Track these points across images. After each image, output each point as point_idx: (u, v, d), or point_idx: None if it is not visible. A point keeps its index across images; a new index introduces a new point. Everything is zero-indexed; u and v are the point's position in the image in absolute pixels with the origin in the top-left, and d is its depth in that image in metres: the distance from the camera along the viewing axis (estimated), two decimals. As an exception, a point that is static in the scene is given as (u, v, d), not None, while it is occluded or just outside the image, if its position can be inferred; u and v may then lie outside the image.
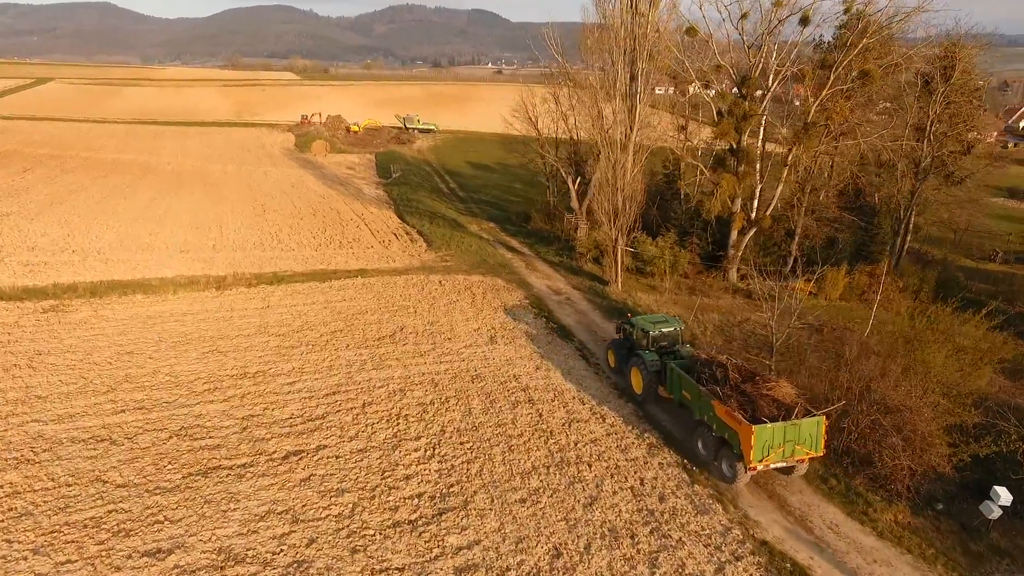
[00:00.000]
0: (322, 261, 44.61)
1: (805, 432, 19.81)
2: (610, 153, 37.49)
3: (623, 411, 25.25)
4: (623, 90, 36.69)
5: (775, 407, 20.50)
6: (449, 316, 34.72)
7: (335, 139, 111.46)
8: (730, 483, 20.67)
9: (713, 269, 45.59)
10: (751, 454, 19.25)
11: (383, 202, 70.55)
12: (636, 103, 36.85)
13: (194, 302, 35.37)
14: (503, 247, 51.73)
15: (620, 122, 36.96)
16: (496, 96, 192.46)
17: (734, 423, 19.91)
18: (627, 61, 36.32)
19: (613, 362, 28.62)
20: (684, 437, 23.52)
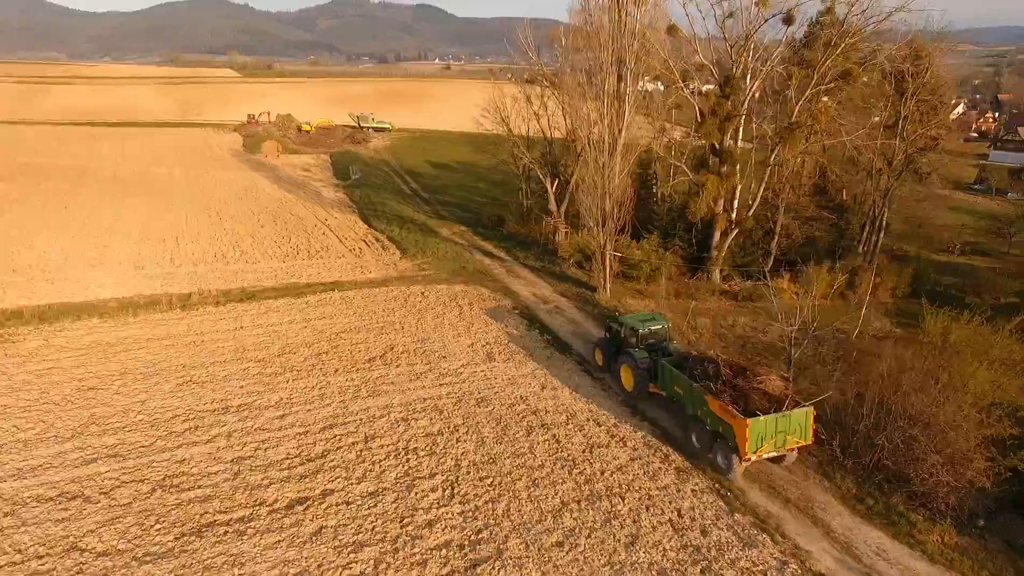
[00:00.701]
0: (292, 273, 41.91)
1: (795, 423, 20.60)
2: (597, 156, 36.17)
3: (642, 432, 23.97)
4: (611, 91, 35.40)
5: (766, 400, 21.20)
6: (439, 331, 32.81)
7: (286, 139, 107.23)
8: (725, 474, 21.21)
9: (697, 272, 44.92)
10: (746, 446, 19.86)
11: (345, 206, 67.69)
12: (624, 104, 35.62)
13: (158, 325, 32.39)
14: (480, 252, 49.92)
15: (608, 124, 35.67)
16: (450, 93, 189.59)
17: (728, 417, 20.44)
18: (614, 60, 35.03)
19: (601, 360, 28.86)
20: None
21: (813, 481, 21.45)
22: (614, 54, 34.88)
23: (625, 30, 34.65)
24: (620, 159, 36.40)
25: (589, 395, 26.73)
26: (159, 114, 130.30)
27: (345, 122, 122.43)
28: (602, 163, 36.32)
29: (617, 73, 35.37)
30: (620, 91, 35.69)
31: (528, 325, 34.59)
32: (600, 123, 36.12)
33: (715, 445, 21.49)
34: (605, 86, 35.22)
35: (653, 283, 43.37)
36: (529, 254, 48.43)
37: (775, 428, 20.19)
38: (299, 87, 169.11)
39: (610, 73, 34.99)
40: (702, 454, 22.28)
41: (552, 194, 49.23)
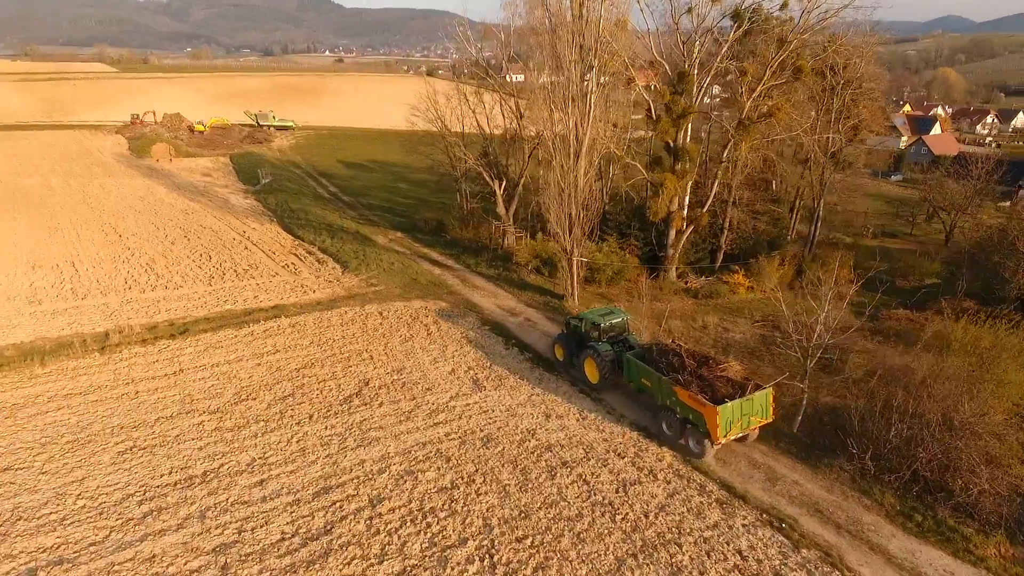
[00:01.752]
0: (224, 298, 37.09)
1: (758, 404, 22.11)
2: (563, 159, 34.14)
3: (666, 458, 22.25)
4: (574, 91, 33.38)
5: (730, 386, 22.63)
6: (412, 358, 29.69)
7: (178, 141, 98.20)
8: (698, 458, 22.30)
9: (656, 271, 44.09)
10: (717, 431, 21.14)
11: (261, 214, 62.10)
12: (588, 103, 33.73)
13: (76, 376, 27.18)
14: (426, 261, 46.73)
15: (573, 125, 33.68)
16: (349, 87, 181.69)
17: (698, 406, 21.70)
18: (576, 57, 33.02)
19: (561, 355, 29.20)
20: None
21: (852, 499, 20.55)
22: (577, 50, 32.86)
23: (588, 24, 32.70)
24: (585, 161, 34.56)
25: (597, 420, 24.71)
26: (23, 115, 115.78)
27: (242, 121, 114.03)
28: (568, 166, 34.32)
29: (579, 71, 33.38)
30: (583, 89, 33.75)
31: (504, 343, 32.13)
32: (564, 123, 34.06)
33: (686, 431, 22.63)
34: (569, 85, 33.14)
35: (614, 285, 42.13)
36: (480, 261, 45.78)
37: (741, 411, 21.60)
38: (182, 83, 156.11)
39: (574, 70, 32.96)
40: (675, 440, 23.17)
41: (500, 197, 46.78)
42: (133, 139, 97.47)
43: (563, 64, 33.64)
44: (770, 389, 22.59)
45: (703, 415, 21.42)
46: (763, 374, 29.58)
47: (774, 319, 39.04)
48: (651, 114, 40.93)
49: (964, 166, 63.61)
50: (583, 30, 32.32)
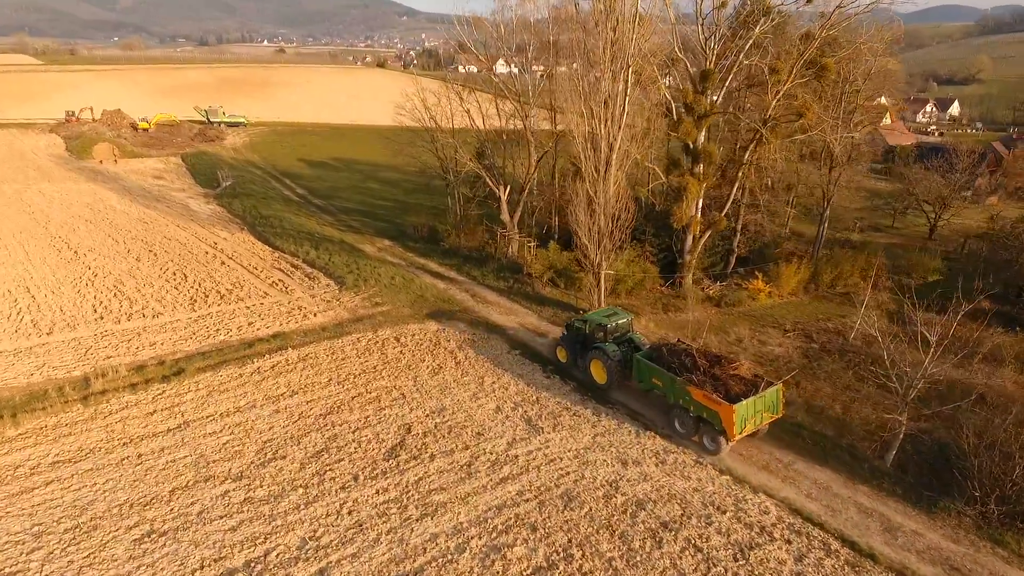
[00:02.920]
0: (213, 327, 32.89)
1: (769, 401, 22.66)
2: (593, 168, 31.37)
3: (772, 512, 19.88)
4: (606, 93, 30.56)
5: (742, 384, 22.97)
6: (449, 395, 26.49)
7: (122, 140, 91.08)
8: (713, 455, 22.60)
9: (672, 279, 41.93)
10: (733, 429, 21.52)
11: (228, 222, 57.25)
12: (623, 107, 30.99)
13: (60, 436, 22.89)
14: (427, 274, 43.26)
15: (606, 129, 30.91)
16: (298, 80, 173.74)
17: (713, 405, 22.04)
18: (611, 54, 30.18)
19: (564, 357, 29.17)
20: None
21: (986, 551, 18.64)
22: (610, 48, 30.00)
23: (623, 16, 29.85)
24: (616, 169, 31.88)
25: (678, 464, 22.15)
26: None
27: (190, 117, 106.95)
28: (598, 175, 31.58)
29: (613, 71, 30.55)
30: (615, 90, 30.96)
31: (542, 369, 29.24)
32: (596, 128, 31.22)
33: (700, 429, 22.97)
34: (604, 85, 30.29)
35: (635, 296, 39.80)
36: (486, 272, 42.60)
37: (754, 408, 22.08)
38: (117, 76, 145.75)
39: (607, 69, 30.13)
40: (688, 438, 23.47)
41: (504, 202, 43.67)
42: (70, 138, 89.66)
43: (592, 62, 30.79)
44: (780, 385, 23.39)
45: (719, 414, 21.78)
46: (823, 392, 27.88)
47: (802, 326, 37.58)
48: (669, 114, 38.61)
49: (945, 159, 63.86)
50: (620, 27, 29.49)
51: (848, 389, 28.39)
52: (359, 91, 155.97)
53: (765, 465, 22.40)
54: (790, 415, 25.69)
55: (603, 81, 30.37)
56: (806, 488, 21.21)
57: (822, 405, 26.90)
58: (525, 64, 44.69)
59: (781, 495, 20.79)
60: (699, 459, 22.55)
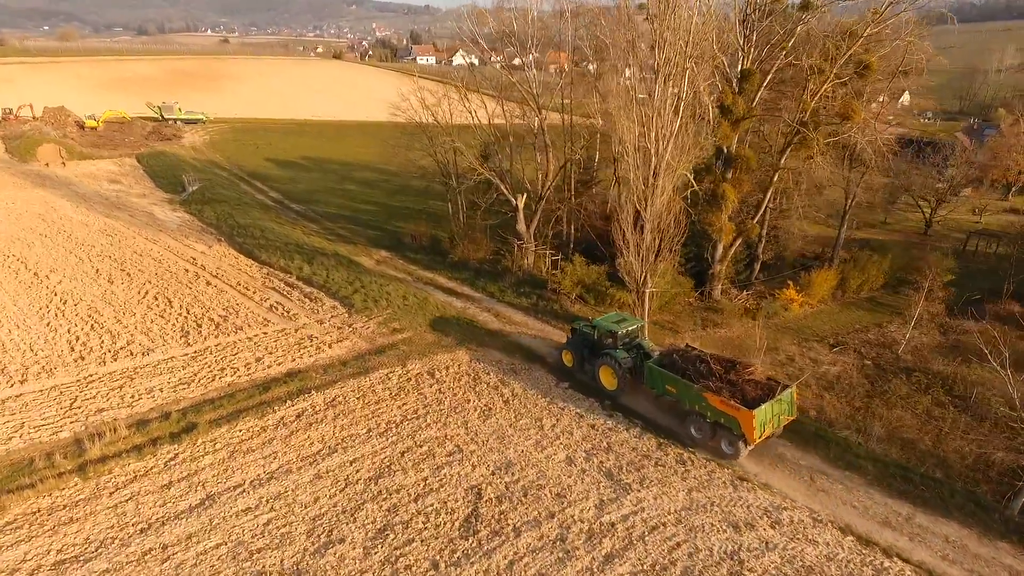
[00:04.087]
0: (216, 365, 28.77)
1: (785, 403, 22.91)
2: (645, 176, 28.50)
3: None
4: (658, 98, 27.62)
5: (757, 388, 23.10)
6: (510, 444, 23.28)
7: (69, 140, 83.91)
8: (732, 459, 22.52)
9: (702, 290, 39.58)
10: (753, 434, 21.60)
11: (202, 232, 52.46)
12: (679, 112, 28.14)
13: (58, 524, 18.73)
14: (439, 291, 39.74)
15: (655, 135, 28.02)
16: (251, 72, 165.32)
17: (732, 410, 22.02)
18: (665, 59, 27.23)
19: (571, 362, 28.85)
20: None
21: None
22: (665, 48, 27.03)
23: (673, 8, 26.89)
24: (665, 179, 29.06)
25: (797, 526, 19.59)
26: None
27: (141, 113, 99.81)
28: (646, 186, 28.73)
29: (666, 72, 27.62)
30: (666, 94, 28.02)
31: (600, 404, 26.32)
32: (645, 135, 28.30)
33: (718, 434, 22.89)
34: (656, 90, 27.32)
35: (667, 311, 37.27)
36: (504, 288, 39.32)
37: (772, 412, 22.14)
38: (55, 69, 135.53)
39: (662, 72, 27.18)
40: (704, 443, 23.33)
41: (521, 212, 40.41)
42: (10, 139, 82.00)
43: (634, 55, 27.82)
44: (794, 388, 23.56)
45: (738, 419, 21.80)
46: (907, 423, 25.83)
47: (844, 339, 35.68)
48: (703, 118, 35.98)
49: (939, 152, 63.33)
50: (674, 25, 26.54)
51: (932, 418, 26.39)
52: (319, 84, 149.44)
53: (885, 520, 20.05)
54: (884, 451, 23.57)
55: (656, 86, 27.43)
56: (939, 548, 18.94)
57: (911, 438, 24.81)
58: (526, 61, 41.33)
59: (916, 558, 18.44)
60: (814, 515, 20.03)
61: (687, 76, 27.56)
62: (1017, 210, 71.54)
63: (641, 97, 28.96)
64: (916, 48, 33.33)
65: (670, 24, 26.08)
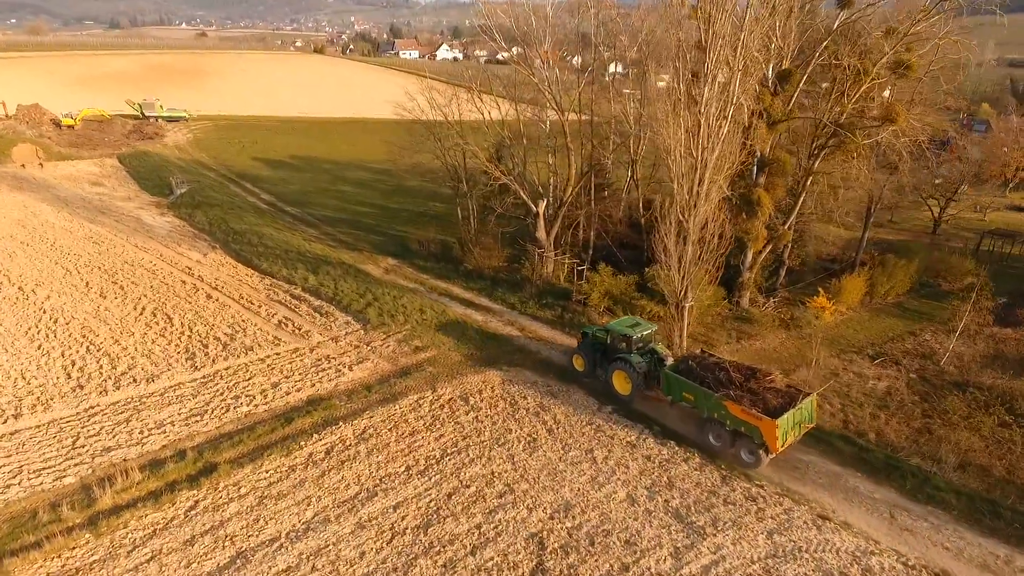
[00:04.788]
0: (228, 394, 26.42)
1: (806, 411, 22.58)
2: (690, 186, 26.70)
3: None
4: (707, 102, 25.77)
5: (779, 396, 22.64)
6: (564, 482, 21.32)
7: (45, 140, 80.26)
8: (753, 468, 22.21)
9: (729, 299, 37.94)
10: (776, 444, 21.19)
11: (195, 238, 49.84)
12: (725, 115, 26.32)
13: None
14: (455, 302, 37.64)
15: (701, 140, 26.20)
16: (234, 68, 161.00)
17: (754, 420, 21.60)
18: (715, 60, 25.36)
19: (582, 366, 28.39)
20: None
21: None
22: (712, 36, 25.13)
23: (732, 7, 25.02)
24: (711, 187, 27.27)
25: (890, 573, 17.97)
26: None
27: (120, 111, 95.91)
28: (690, 196, 26.93)
29: (715, 73, 25.78)
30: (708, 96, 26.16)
31: (650, 432, 24.49)
32: (689, 139, 26.47)
33: (737, 443, 22.52)
34: (704, 91, 25.45)
35: (699, 322, 35.55)
36: (525, 300, 37.26)
37: (794, 420, 21.85)
38: (26, 64, 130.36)
39: (713, 74, 25.33)
40: (723, 451, 23.01)
41: (542, 219, 38.39)
42: (-18, 138, 77.95)
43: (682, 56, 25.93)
44: (815, 396, 23.29)
45: (760, 428, 21.47)
46: (975, 446, 24.35)
47: (881, 349, 34.27)
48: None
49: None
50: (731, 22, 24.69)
51: (999, 441, 24.94)
52: (302, 79, 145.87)
53: (983, 563, 18.49)
54: (961, 481, 22.07)
55: (704, 88, 25.58)
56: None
57: (982, 464, 23.34)
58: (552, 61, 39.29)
59: None
60: (904, 560, 18.41)
61: (737, 77, 25.70)
62: (1020, 207, 71.28)
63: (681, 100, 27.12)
64: (963, 46, 31.86)
65: (724, 23, 24.17)
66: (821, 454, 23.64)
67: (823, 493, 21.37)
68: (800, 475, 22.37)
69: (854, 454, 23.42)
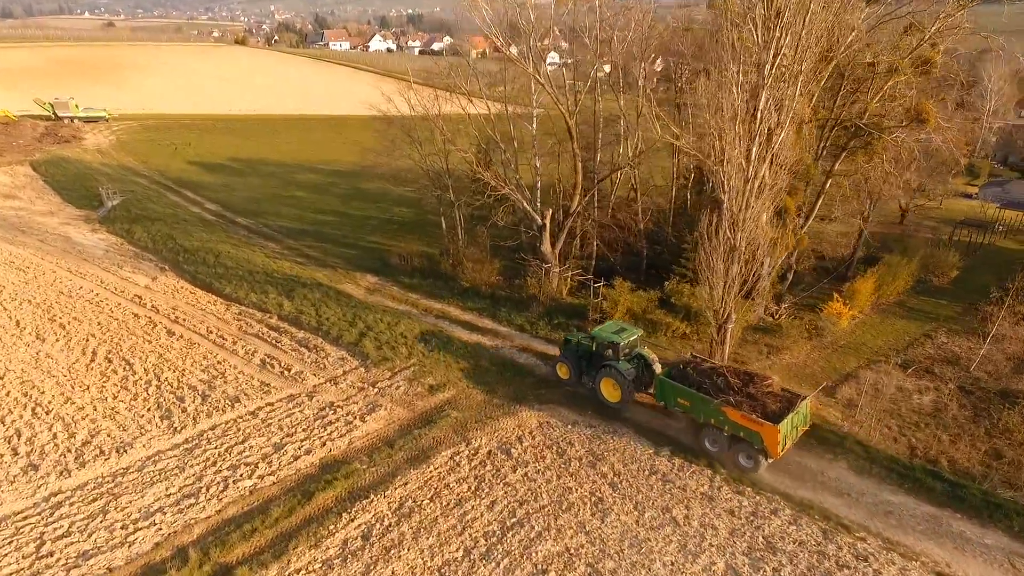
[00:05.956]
0: (224, 463, 21.98)
1: (802, 414, 22.54)
2: (748, 199, 24.10)
3: None
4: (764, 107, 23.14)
5: (777, 401, 22.65)
6: (651, 555, 18.25)
7: (-59, 146, 70.71)
8: (752, 472, 21.95)
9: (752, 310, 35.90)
10: (777, 448, 21.01)
11: (138, 258, 44.21)
12: (781, 122, 23.78)
13: None
14: (456, 326, 33.92)
15: (758, 148, 23.62)
16: (154, 61, 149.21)
17: (754, 425, 21.37)
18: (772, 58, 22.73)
19: (567, 375, 27.62)
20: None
21: None
22: (778, 42, 22.50)
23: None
24: (766, 201, 24.79)
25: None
26: None
27: (27, 111, 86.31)
28: (741, 213, 24.37)
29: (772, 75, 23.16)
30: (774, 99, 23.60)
31: (719, 477, 21.86)
32: (736, 146, 23.81)
33: (734, 448, 22.35)
34: (763, 93, 22.80)
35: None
36: (534, 320, 33.93)
37: (792, 424, 21.81)
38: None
39: (770, 73, 22.70)
40: (719, 456, 22.73)
41: (548, 232, 35.07)
42: None
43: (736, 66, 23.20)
44: (809, 399, 23.32)
45: (761, 434, 21.25)
46: None
47: (906, 356, 33.01)
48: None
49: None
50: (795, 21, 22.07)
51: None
52: (230, 73, 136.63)
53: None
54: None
55: (763, 92, 22.93)
56: None
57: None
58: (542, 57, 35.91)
59: None
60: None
61: (799, 80, 23.19)
62: (968, 194, 73.14)
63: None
64: (992, 42, 30.64)
65: (794, 20, 21.54)
66: (908, 492, 21.61)
67: (929, 543, 19.25)
68: (897, 520, 20.20)
69: (945, 491, 21.48)
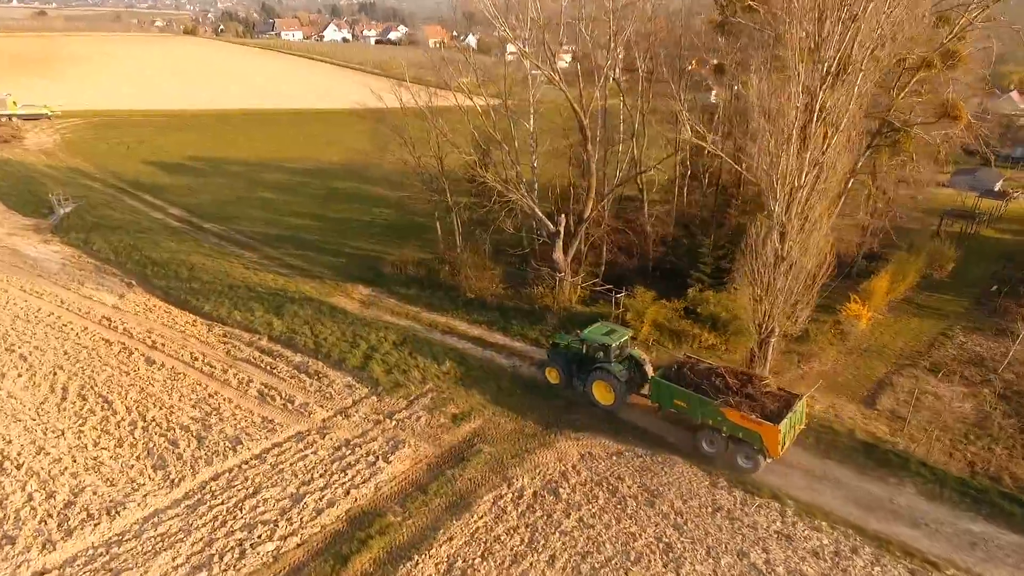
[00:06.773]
0: (236, 524, 19.12)
1: (799, 414, 22.54)
2: (803, 209, 22.36)
3: None
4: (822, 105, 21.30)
5: (775, 401, 22.54)
6: (740, 611, 16.44)
7: None
8: (750, 473, 21.87)
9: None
10: (777, 448, 20.99)
11: (99, 272, 40.68)
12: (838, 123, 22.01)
13: None
14: (465, 341, 31.46)
15: (810, 154, 21.85)
16: (96, 53, 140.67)
17: (754, 425, 21.32)
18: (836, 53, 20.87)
19: (556, 378, 26.94)
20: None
21: None
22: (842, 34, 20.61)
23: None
24: (820, 207, 23.08)
25: None
26: None
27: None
28: (798, 218, 22.62)
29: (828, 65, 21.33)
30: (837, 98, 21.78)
31: (786, 510, 20.12)
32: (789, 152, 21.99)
33: (731, 448, 22.30)
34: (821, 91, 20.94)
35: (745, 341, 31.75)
36: (552, 334, 31.77)
37: (791, 424, 21.76)
38: None
39: (833, 69, 20.87)
40: (716, 457, 22.61)
41: (561, 239, 32.74)
42: None
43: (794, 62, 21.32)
44: (805, 398, 23.30)
45: (760, 434, 21.22)
46: None
47: (931, 358, 32.09)
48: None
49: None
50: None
51: None
52: (179, 66, 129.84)
53: None
54: None
55: (821, 91, 21.10)
56: None
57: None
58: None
59: None
60: None
61: (862, 75, 21.44)
62: (942, 183, 73.85)
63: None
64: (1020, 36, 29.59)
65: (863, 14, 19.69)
66: (988, 520, 20.26)
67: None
68: (984, 553, 18.79)
69: (1026, 517, 20.23)
